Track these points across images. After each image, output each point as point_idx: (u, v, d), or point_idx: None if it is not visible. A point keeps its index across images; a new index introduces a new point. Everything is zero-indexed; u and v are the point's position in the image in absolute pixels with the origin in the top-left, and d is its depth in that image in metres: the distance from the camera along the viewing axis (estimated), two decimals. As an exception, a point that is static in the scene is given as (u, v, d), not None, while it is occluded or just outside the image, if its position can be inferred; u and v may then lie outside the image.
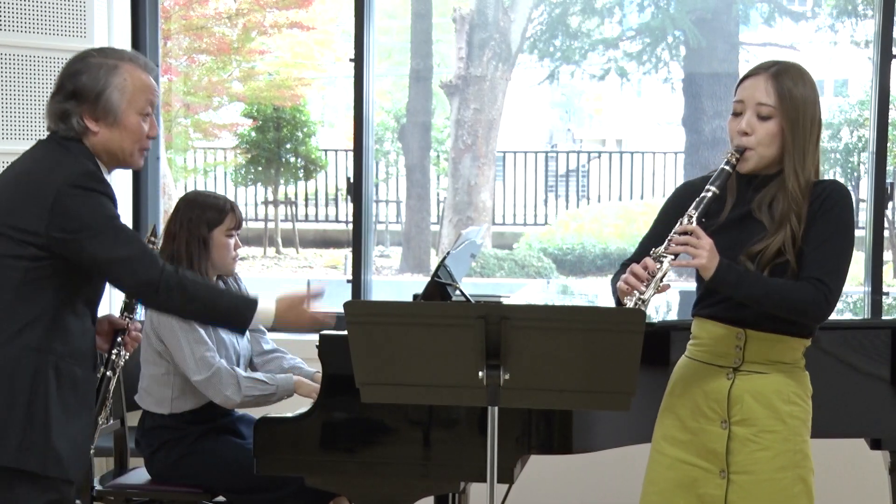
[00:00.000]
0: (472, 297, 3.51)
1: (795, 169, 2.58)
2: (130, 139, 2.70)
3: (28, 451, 2.57)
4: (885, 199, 4.51)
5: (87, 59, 2.70)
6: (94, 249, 2.58)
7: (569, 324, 2.38)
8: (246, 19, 8.61)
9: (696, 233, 2.52)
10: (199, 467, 3.54)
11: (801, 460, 2.64)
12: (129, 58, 2.73)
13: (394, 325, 2.43)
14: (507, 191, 9.81)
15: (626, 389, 2.40)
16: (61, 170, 2.60)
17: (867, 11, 8.45)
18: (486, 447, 2.47)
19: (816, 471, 2.71)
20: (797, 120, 2.58)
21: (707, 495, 2.64)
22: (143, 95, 2.71)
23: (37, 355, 2.59)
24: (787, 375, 2.64)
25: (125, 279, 2.65)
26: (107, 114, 2.66)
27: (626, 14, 9.05)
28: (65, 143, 2.67)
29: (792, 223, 2.56)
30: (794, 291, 2.53)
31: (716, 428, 2.63)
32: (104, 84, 2.66)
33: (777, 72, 2.62)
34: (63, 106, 2.68)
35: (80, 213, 2.57)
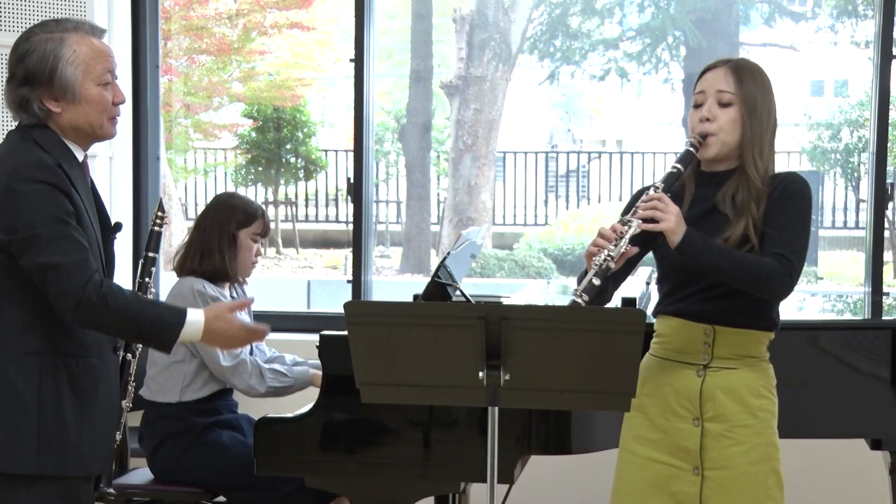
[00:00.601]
0: (472, 297, 3.51)
1: (755, 156, 2.64)
2: (96, 111, 2.56)
3: (46, 454, 2.51)
4: (885, 200, 4.51)
5: (31, 38, 2.55)
6: (30, 253, 2.44)
7: (569, 324, 2.38)
8: (246, 20, 8.61)
9: (664, 199, 2.56)
10: (203, 462, 3.55)
11: (772, 452, 2.68)
12: (73, 27, 2.57)
13: (394, 325, 2.43)
14: (508, 191, 9.82)
15: (626, 390, 2.40)
16: (8, 164, 2.48)
17: (867, 12, 8.45)
18: (486, 447, 2.47)
19: (817, 471, 2.72)
20: (755, 110, 2.65)
21: (680, 493, 2.65)
22: (98, 63, 2.55)
23: (39, 359, 2.51)
24: (754, 369, 2.67)
25: (49, 287, 2.45)
26: (65, 91, 2.52)
27: (627, 14, 9.06)
28: (27, 132, 2.54)
29: (752, 211, 2.61)
30: (760, 264, 2.57)
31: (688, 425, 2.65)
32: (54, 61, 2.51)
33: (737, 65, 2.70)
34: (19, 93, 2.54)
35: (20, 211, 2.43)
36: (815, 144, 9.04)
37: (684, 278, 2.65)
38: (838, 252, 9.36)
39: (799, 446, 3.92)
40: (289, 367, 3.72)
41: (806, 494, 4.36)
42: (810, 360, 3.39)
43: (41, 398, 2.50)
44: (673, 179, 2.63)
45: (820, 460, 4.29)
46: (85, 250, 2.47)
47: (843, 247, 9.37)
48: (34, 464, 2.50)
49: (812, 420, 3.42)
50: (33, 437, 2.50)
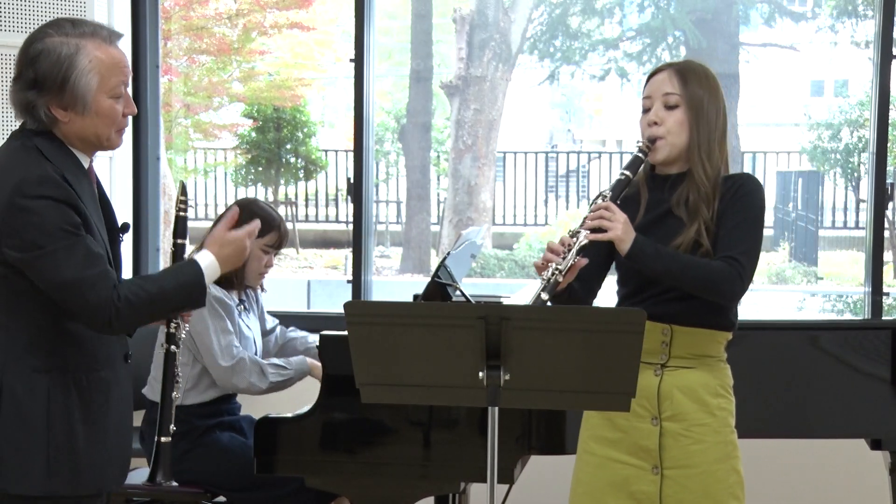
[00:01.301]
0: (472, 297, 3.51)
1: (702, 158, 2.65)
2: (105, 124, 2.45)
3: (56, 476, 2.43)
4: (885, 200, 4.51)
5: (44, 39, 2.40)
6: (43, 270, 2.35)
7: (569, 324, 2.38)
8: (246, 20, 8.61)
9: (611, 207, 2.58)
10: (203, 462, 3.55)
11: (732, 450, 2.68)
12: (90, 32, 2.43)
13: (394, 325, 2.43)
14: (508, 191, 9.81)
15: (626, 390, 2.40)
16: (12, 178, 2.37)
17: (867, 12, 8.45)
18: (486, 448, 2.47)
19: (817, 471, 2.73)
20: (701, 111, 2.66)
21: (640, 492, 2.66)
22: (114, 76, 2.44)
23: (47, 376, 2.42)
24: (711, 369, 2.68)
25: (72, 305, 2.38)
26: (75, 102, 2.40)
27: (627, 14, 9.05)
28: (28, 139, 2.43)
29: (703, 213, 2.63)
30: (710, 268, 2.58)
31: (646, 425, 2.66)
32: (68, 69, 2.38)
33: (681, 67, 2.71)
34: (26, 96, 2.41)
35: (29, 230, 2.34)
36: (815, 144, 9.04)
37: (642, 282, 2.68)
38: (838, 252, 9.35)
39: (799, 446, 3.92)
40: (287, 359, 3.72)
41: (806, 494, 4.36)
42: (810, 360, 3.39)
43: (50, 417, 2.42)
44: (622, 186, 2.64)
45: (820, 460, 4.29)
46: (101, 260, 2.40)
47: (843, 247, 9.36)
48: (44, 485, 2.43)
49: (812, 420, 3.42)
50: (42, 458, 2.42)
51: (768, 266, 8.63)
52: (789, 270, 8.89)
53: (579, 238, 2.57)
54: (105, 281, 2.37)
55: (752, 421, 3.36)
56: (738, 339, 2.77)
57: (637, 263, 2.60)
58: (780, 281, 8.58)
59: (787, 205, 9.65)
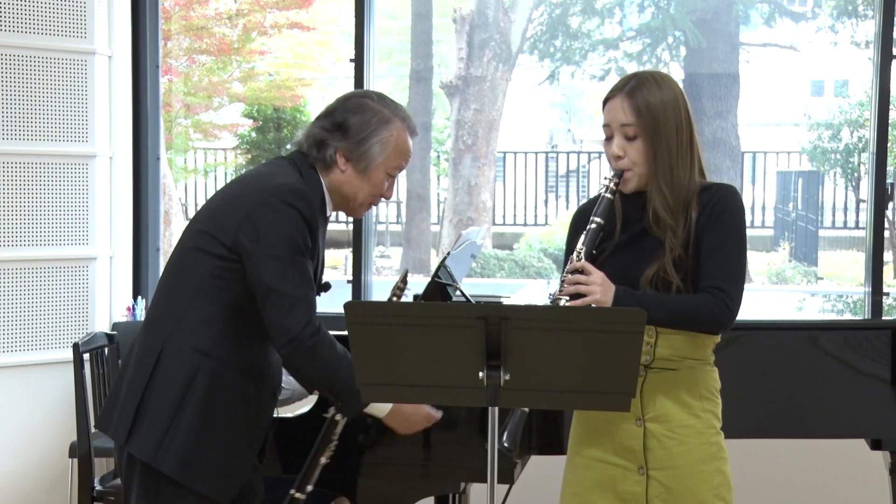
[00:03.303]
0: (472, 297, 3.51)
1: (661, 186, 2.60)
2: (368, 192, 2.71)
3: (165, 453, 2.53)
4: (885, 200, 4.51)
5: (366, 99, 2.71)
6: (262, 268, 2.53)
7: (569, 324, 2.38)
8: (246, 20, 8.61)
9: (586, 269, 2.57)
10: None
11: (717, 452, 2.67)
12: (402, 117, 2.74)
13: (394, 325, 2.43)
14: (508, 191, 9.81)
15: (626, 390, 2.40)
16: (276, 180, 2.59)
17: (867, 12, 8.45)
18: (486, 447, 2.47)
19: (817, 471, 2.72)
20: (658, 133, 2.60)
21: (626, 493, 2.66)
22: (401, 159, 2.72)
23: (201, 358, 2.56)
24: (695, 371, 2.67)
25: (270, 313, 2.56)
26: (360, 160, 2.66)
27: (627, 14, 9.05)
28: (301, 162, 2.67)
29: (669, 240, 2.59)
30: (695, 306, 2.57)
31: (631, 426, 2.66)
32: (372, 132, 2.66)
33: (631, 89, 2.63)
34: (324, 134, 2.67)
35: (270, 227, 2.54)
36: (815, 144, 9.04)
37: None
38: (838, 252, 9.35)
39: (799, 446, 3.93)
40: (286, 377, 3.69)
41: (806, 494, 4.36)
42: (810, 360, 3.39)
43: (185, 397, 2.54)
44: (595, 236, 2.62)
45: (820, 460, 4.29)
46: (311, 288, 2.59)
47: (843, 247, 9.36)
48: (152, 456, 2.53)
49: (812, 420, 3.42)
50: (162, 431, 2.53)
51: (768, 266, 8.64)
52: (789, 270, 8.89)
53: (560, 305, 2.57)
54: (307, 308, 2.57)
55: (752, 421, 3.36)
56: (738, 339, 2.77)
57: None
58: (780, 281, 8.58)
59: (787, 205, 9.65)
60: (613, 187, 2.64)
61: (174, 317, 2.60)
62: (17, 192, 4.40)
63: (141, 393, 2.56)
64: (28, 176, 4.41)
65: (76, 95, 4.51)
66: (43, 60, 4.41)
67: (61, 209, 4.50)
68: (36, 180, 4.43)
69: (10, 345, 4.41)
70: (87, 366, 3.99)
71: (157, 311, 2.66)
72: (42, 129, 4.45)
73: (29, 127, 4.42)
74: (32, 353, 4.47)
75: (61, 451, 4.46)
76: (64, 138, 4.49)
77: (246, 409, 2.62)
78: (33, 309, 4.46)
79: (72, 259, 4.53)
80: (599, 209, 2.63)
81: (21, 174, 4.41)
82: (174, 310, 2.61)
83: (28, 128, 4.42)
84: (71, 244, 4.53)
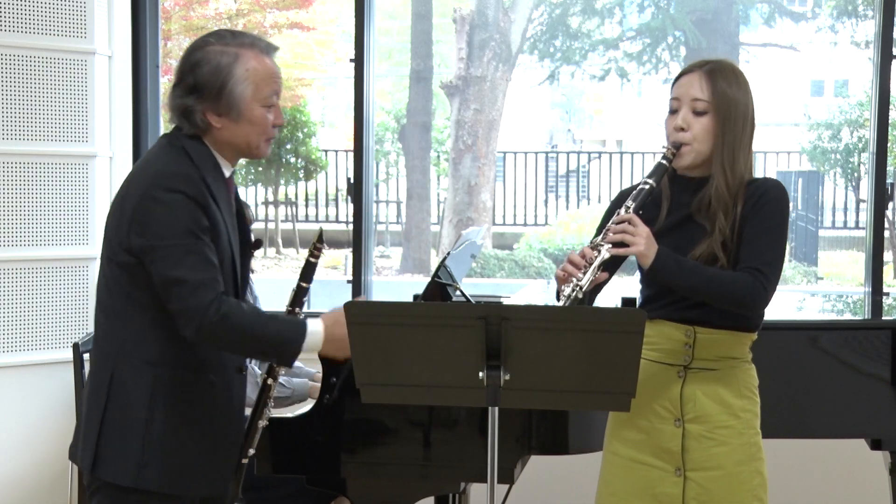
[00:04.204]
0: (472, 297, 3.51)
1: (724, 166, 2.62)
2: (256, 132, 2.56)
3: (147, 468, 2.47)
4: (885, 200, 4.51)
5: (205, 47, 2.52)
6: (160, 263, 2.41)
7: (569, 324, 2.38)
8: (246, 20, 8.61)
9: (633, 221, 2.55)
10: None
11: (755, 452, 2.67)
12: (249, 43, 2.56)
13: (394, 325, 2.43)
14: (508, 191, 9.81)
15: (626, 390, 2.40)
16: (150, 169, 2.48)
17: (867, 12, 8.45)
18: (486, 448, 2.47)
19: (817, 471, 2.72)
20: (729, 117, 2.61)
21: (663, 494, 2.65)
22: (268, 85, 2.56)
23: (154, 369, 2.48)
24: (736, 370, 2.67)
25: (173, 304, 2.43)
26: (230, 109, 2.51)
27: (627, 14, 9.05)
28: (176, 140, 2.53)
29: (720, 223, 2.60)
30: (733, 281, 2.56)
31: (669, 427, 2.65)
32: (226, 76, 2.50)
33: (711, 69, 2.66)
34: (184, 102, 2.51)
35: (156, 220, 2.42)
36: (815, 144, 9.04)
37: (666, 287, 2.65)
38: (838, 252, 9.35)
39: (799, 446, 3.92)
40: (288, 378, 3.69)
41: (806, 494, 4.36)
42: (810, 360, 3.39)
43: (150, 410, 2.47)
44: (646, 196, 2.61)
45: (820, 460, 4.29)
46: (213, 268, 2.45)
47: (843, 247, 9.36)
48: (135, 476, 2.47)
49: (812, 420, 3.42)
50: (137, 450, 2.47)
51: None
52: (789, 270, 8.89)
53: (601, 252, 2.54)
54: (209, 288, 2.42)
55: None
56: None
57: (659, 277, 2.58)
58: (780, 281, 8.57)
59: (787, 205, 9.63)
60: (670, 156, 2.63)
61: (115, 336, 2.51)
62: (17, 192, 4.40)
63: (100, 420, 2.49)
64: (28, 176, 4.41)
65: (76, 95, 4.50)
66: (43, 60, 4.41)
67: (61, 209, 4.50)
68: (36, 180, 4.43)
69: (9, 345, 4.41)
70: (87, 366, 3.98)
71: (99, 332, 2.58)
72: (42, 129, 4.44)
73: (29, 127, 4.41)
74: (32, 353, 4.46)
75: (61, 452, 4.44)
76: (64, 138, 4.49)
77: (214, 399, 2.55)
78: (33, 309, 4.45)
79: (72, 259, 4.53)
80: (653, 174, 2.63)
81: (21, 174, 4.40)
82: (113, 329, 2.52)
83: (28, 128, 4.41)
84: (71, 244, 4.52)
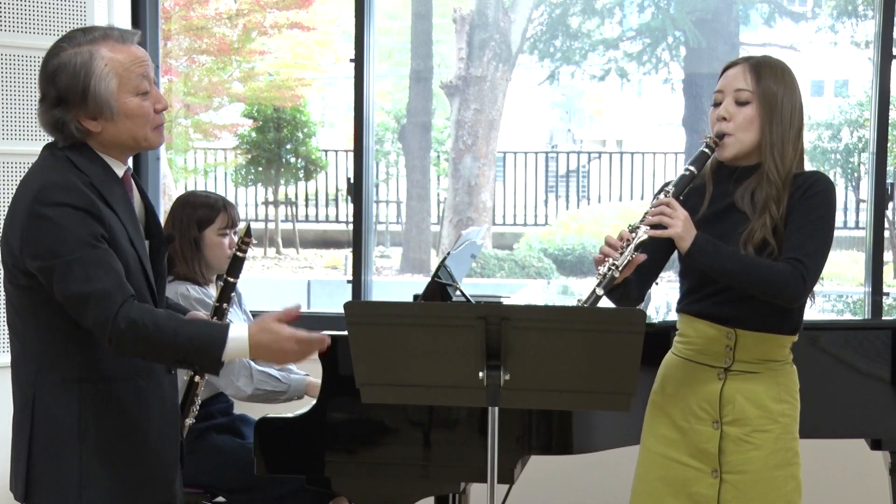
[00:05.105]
0: (472, 297, 3.51)
1: (774, 155, 2.60)
2: (138, 124, 2.39)
3: (90, 489, 2.37)
4: (886, 200, 4.51)
5: (59, 54, 2.36)
6: (59, 281, 2.28)
7: (569, 324, 2.38)
8: (246, 20, 8.61)
9: (672, 204, 2.53)
10: (200, 465, 3.54)
11: (792, 458, 2.66)
12: (101, 36, 2.38)
13: (394, 325, 2.43)
14: (508, 191, 9.81)
15: (626, 390, 2.40)
16: (32, 186, 2.34)
17: (867, 12, 8.45)
18: (486, 448, 2.47)
19: (817, 471, 2.72)
20: (775, 108, 2.61)
21: (698, 494, 2.64)
22: (133, 73, 2.37)
23: (78, 387, 2.37)
24: (777, 374, 2.65)
25: (84, 319, 2.30)
26: (101, 109, 2.35)
27: (627, 14, 9.05)
28: (59, 152, 2.39)
29: (772, 210, 2.57)
30: (772, 269, 2.53)
31: (707, 428, 2.64)
32: (85, 78, 2.33)
33: (757, 62, 2.66)
34: (53, 114, 2.37)
35: (46, 238, 2.28)
36: (815, 144, 9.04)
37: (704, 277, 2.62)
38: (838, 252, 9.34)
39: (799, 446, 3.92)
40: (285, 374, 3.69)
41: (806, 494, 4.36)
42: (810, 360, 3.39)
43: (82, 428, 2.36)
44: (686, 182, 2.59)
45: (820, 460, 4.29)
46: (115, 274, 2.30)
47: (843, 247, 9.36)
48: (77, 499, 2.36)
49: (812, 420, 3.41)
50: (75, 471, 2.36)
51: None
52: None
53: (638, 234, 2.51)
54: (112, 298, 2.27)
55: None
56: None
57: (696, 262, 2.55)
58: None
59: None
60: (712, 144, 2.61)
61: (31, 358, 2.39)
62: (17, 192, 4.39)
63: (27, 447, 2.38)
64: (28, 176, 4.41)
65: (76, 95, 4.50)
66: (43, 60, 4.41)
67: (61, 209, 4.49)
68: (36, 180, 4.42)
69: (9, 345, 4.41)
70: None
71: (14, 356, 2.45)
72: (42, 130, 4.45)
73: (29, 127, 4.41)
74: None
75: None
76: (64, 138, 4.48)
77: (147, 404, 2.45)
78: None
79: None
80: (695, 162, 2.61)
81: (21, 174, 4.39)
82: (28, 351, 2.40)
83: (28, 128, 4.41)
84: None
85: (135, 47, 2.41)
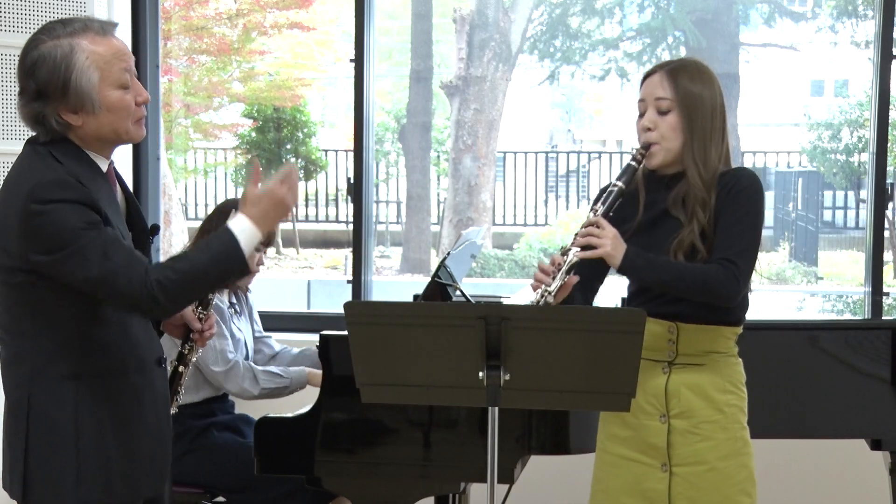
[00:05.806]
0: (472, 297, 3.51)
1: (696, 160, 2.63)
2: (119, 118, 2.38)
3: (87, 484, 2.37)
4: (885, 200, 4.51)
5: (39, 46, 2.33)
6: (70, 270, 2.28)
7: (569, 324, 2.38)
8: (246, 20, 8.61)
9: (599, 223, 2.58)
10: (201, 464, 3.55)
11: (742, 447, 2.67)
12: (81, 28, 2.35)
13: (394, 325, 2.43)
14: (508, 191, 9.82)
15: (626, 390, 2.40)
16: (26, 184, 2.31)
17: (867, 12, 8.46)
18: (486, 448, 2.47)
19: (817, 471, 2.72)
20: (695, 112, 2.63)
21: (650, 490, 2.66)
22: (115, 65, 2.36)
23: (73, 384, 2.37)
24: (720, 365, 2.67)
25: (111, 301, 2.33)
26: (83, 102, 2.32)
27: (627, 14, 9.06)
28: (42, 147, 2.37)
29: (699, 215, 2.61)
30: (705, 273, 2.56)
31: (655, 422, 2.66)
32: (66, 71, 2.30)
33: (673, 68, 2.68)
34: (33, 108, 2.35)
35: (49, 231, 2.28)
36: (815, 144, 9.04)
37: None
38: (838, 252, 9.36)
39: (799, 446, 3.92)
40: (285, 367, 3.72)
41: (806, 494, 4.36)
42: (810, 360, 3.39)
43: (79, 425, 2.37)
44: (615, 199, 2.63)
45: (820, 460, 4.29)
46: (127, 246, 2.33)
47: (843, 247, 9.37)
48: (75, 495, 2.37)
49: (812, 420, 3.42)
50: (72, 468, 2.36)
51: (768, 266, 8.64)
52: (789, 270, 8.90)
53: (569, 257, 2.57)
54: (133, 268, 2.29)
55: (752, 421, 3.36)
56: (739, 339, 2.76)
57: (630, 276, 2.63)
58: (780, 281, 8.58)
59: (787, 205, 9.66)
60: (640, 157, 2.65)
61: (25, 358, 2.39)
62: (17, 192, 4.39)
63: (24, 447, 2.38)
64: (28, 176, 4.41)
65: (76, 95, 4.50)
66: (43, 60, 4.40)
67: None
68: (36, 180, 4.42)
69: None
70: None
71: (7, 356, 2.44)
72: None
73: (29, 127, 4.41)
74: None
75: None
76: (64, 138, 4.49)
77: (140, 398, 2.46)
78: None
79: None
80: (622, 175, 2.65)
81: (21, 174, 4.40)
82: (22, 350, 2.39)
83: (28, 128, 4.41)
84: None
85: (115, 40, 2.40)
